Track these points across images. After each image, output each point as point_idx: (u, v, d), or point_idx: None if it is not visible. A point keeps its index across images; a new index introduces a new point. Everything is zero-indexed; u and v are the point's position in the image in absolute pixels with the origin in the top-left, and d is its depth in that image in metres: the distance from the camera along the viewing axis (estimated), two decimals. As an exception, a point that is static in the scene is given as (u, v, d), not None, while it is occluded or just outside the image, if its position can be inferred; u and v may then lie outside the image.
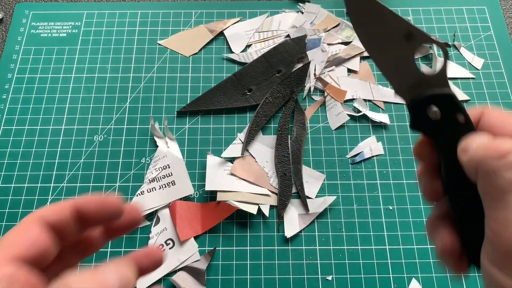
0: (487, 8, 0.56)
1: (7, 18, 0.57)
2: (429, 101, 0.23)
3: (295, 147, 0.47)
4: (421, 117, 0.24)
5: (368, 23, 0.25)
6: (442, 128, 0.23)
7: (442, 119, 0.23)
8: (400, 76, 0.25)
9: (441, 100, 0.23)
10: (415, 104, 0.24)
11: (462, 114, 0.23)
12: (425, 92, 0.24)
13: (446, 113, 0.23)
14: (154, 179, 0.46)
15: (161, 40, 0.55)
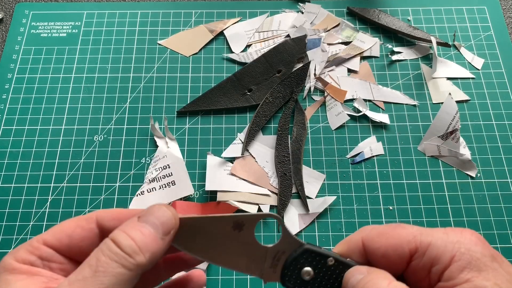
0: (487, 8, 0.56)
1: (7, 18, 0.57)
2: (295, 267, 0.23)
3: (295, 147, 0.47)
4: (301, 285, 0.23)
5: (201, 242, 0.24)
6: (326, 277, 0.23)
7: (315, 274, 0.23)
8: (256, 263, 0.24)
9: (306, 258, 0.23)
10: (288, 278, 0.23)
11: (329, 258, 0.23)
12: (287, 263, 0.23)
13: (316, 266, 0.23)
14: (154, 179, 0.46)
15: (161, 40, 0.55)
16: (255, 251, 0.24)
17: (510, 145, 0.48)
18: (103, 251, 0.20)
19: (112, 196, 0.45)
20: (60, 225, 0.23)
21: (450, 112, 0.47)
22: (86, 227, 0.23)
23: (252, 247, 0.24)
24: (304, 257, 0.23)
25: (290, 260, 0.23)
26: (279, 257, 0.24)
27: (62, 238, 0.23)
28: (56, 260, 0.23)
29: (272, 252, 0.24)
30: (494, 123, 0.49)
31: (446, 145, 0.47)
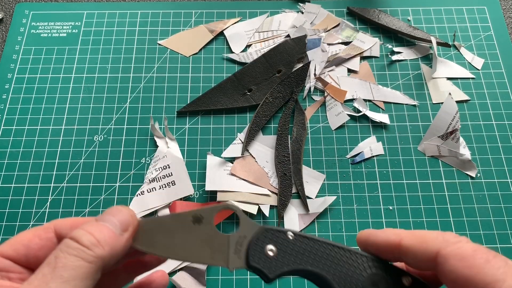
0: (487, 8, 0.56)
1: (7, 18, 0.57)
2: (258, 246, 0.24)
3: (295, 147, 0.47)
4: (266, 263, 0.24)
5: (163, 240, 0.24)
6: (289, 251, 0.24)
7: (278, 250, 0.24)
8: (219, 251, 0.24)
9: (266, 237, 0.24)
10: (252, 258, 0.24)
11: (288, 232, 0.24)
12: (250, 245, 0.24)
13: (277, 242, 0.24)
14: (154, 179, 0.46)
15: (161, 40, 0.55)
16: (217, 241, 0.24)
17: (510, 145, 0.48)
18: (61, 249, 0.21)
19: (112, 196, 0.45)
20: (17, 236, 0.24)
21: (450, 112, 0.47)
22: (44, 237, 0.24)
23: (214, 237, 0.24)
24: (265, 236, 0.24)
25: (254, 241, 0.24)
26: (241, 243, 0.24)
27: (19, 248, 0.23)
28: (14, 270, 0.23)
29: (233, 239, 0.25)
30: (494, 123, 0.49)
31: (446, 145, 0.47)
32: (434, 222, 0.44)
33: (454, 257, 0.21)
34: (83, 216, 0.44)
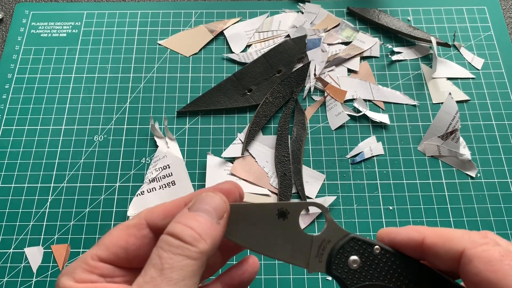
0: (487, 8, 0.56)
1: (7, 18, 0.57)
2: (342, 255, 0.23)
3: (295, 147, 0.47)
4: (348, 274, 0.23)
5: (245, 229, 0.24)
6: (373, 266, 0.23)
7: (362, 262, 0.23)
8: (301, 251, 0.24)
9: (352, 247, 0.23)
10: (335, 267, 0.23)
11: (375, 246, 0.23)
12: (333, 252, 0.23)
13: (362, 254, 0.23)
14: (154, 179, 0.46)
15: (161, 40, 0.55)
16: (299, 240, 0.24)
17: (510, 145, 0.48)
18: (163, 248, 0.20)
19: (112, 196, 0.45)
20: (110, 236, 0.22)
21: (450, 112, 0.47)
22: (139, 235, 0.22)
23: (297, 235, 0.24)
24: (351, 246, 0.23)
25: (337, 248, 0.23)
26: (325, 246, 0.23)
27: (118, 252, 0.22)
28: (118, 275, 0.22)
29: (317, 241, 0.24)
30: (494, 123, 0.49)
31: (446, 145, 0.47)
32: (434, 222, 0.44)
33: (480, 259, 0.20)
34: (83, 216, 0.44)
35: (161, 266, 0.19)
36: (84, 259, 0.22)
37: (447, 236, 0.21)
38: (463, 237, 0.21)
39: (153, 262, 0.20)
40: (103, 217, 0.44)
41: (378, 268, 0.23)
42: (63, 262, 0.42)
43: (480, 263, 0.20)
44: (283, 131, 0.48)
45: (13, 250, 0.43)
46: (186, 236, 0.20)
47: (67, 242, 0.43)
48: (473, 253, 0.20)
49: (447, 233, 0.22)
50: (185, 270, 0.19)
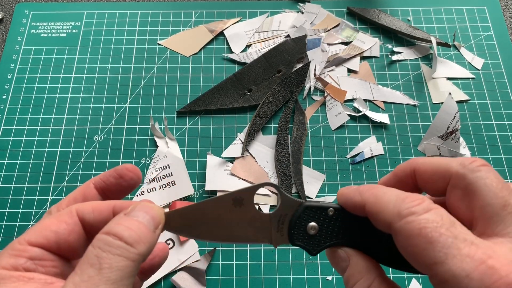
0: (487, 8, 0.56)
1: (7, 18, 0.57)
2: (300, 225, 0.25)
3: (295, 147, 0.47)
4: (309, 240, 0.25)
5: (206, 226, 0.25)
6: (330, 227, 0.24)
7: (320, 227, 0.24)
8: (263, 230, 0.25)
9: (308, 215, 0.24)
10: (295, 237, 0.25)
11: (329, 209, 0.24)
12: (292, 224, 0.25)
13: (318, 219, 0.24)
14: (154, 179, 0.46)
15: (161, 40, 0.55)
16: (259, 220, 0.25)
17: (510, 145, 0.48)
18: (101, 248, 0.20)
19: (112, 196, 0.45)
20: (41, 223, 0.23)
21: (450, 112, 0.47)
22: (70, 222, 0.23)
23: (256, 218, 0.25)
24: (306, 214, 0.25)
25: (294, 220, 0.25)
26: (283, 220, 0.25)
27: (49, 235, 0.22)
28: (47, 258, 0.22)
29: (275, 217, 0.25)
30: (494, 123, 0.49)
31: (446, 145, 0.47)
32: (434, 222, 0.44)
33: (401, 233, 0.20)
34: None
35: (99, 265, 0.19)
36: (11, 245, 0.22)
37: (381, 206, 0.21)
38: (392, 209, 0.21)
39: (91, 262, 0.20)
40: (103, 217, 0.44)
41: (335, 228, 0.24)
42: (63, 262, 0.42)
43: (402, 238, 0.20)
44: (283, 131, 0.48)
45: (13, 250, 0.43)
46: (127, 236, 0.20)
47: (67, 242, 0.43)
48: (396, 228, 0.20)
49: (381, 202, 0.22)
50: (123, 271, 0.20)
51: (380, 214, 0.21)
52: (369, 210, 0.22)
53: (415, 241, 0.19)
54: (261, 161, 0.47)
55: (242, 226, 0.25)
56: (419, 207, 0.20)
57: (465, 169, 0.21)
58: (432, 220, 0.19)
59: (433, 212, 0.20)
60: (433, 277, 0.19)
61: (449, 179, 0.22)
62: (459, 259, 0.18)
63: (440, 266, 0.19)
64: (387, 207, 0.21)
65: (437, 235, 0.19)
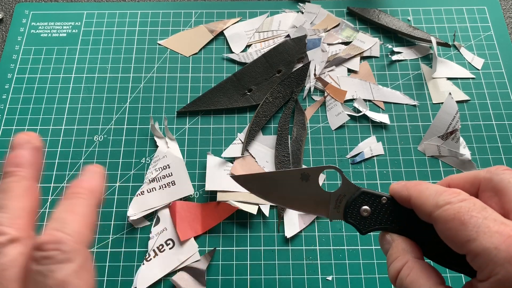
0: (487, 8, 0.56)
1: (7, 18, 0.57)
2: (355, 206, 0.29)
3: (295, 147, 0.47)
4: (360, 220, 0.29)
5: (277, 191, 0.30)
6: (381, 213, 0.28)
7: (372, 211, 0.28)
8: (322, 205, 0.30)
9: (363, 199, 0.28)
10: (349, 216, 0.29)
11: (382, 197, 0.28)
12: (348, 204, 0.29)
13: (372, 204, 0.28)
14: (154, 179, 0.46)
15: (161, 40, 0.55)
16: (320, 196, 0.29)
17: (510, 145, 0.48)
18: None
19: (112, 196, 0.45)
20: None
21: (450, 112, 0.47)
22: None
23: (318, 193, 0.29)
24: (362, 198, 0.28)
25: (351, 201, 0.29)
26: (341, 200, 0.29)
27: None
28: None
29: (334, 196, 0.29)
30: (494, 123, 0.49)
31: (446, 145, 0.47)
32: (434, 222, 0.44)
33: (440, 220, 0.23)
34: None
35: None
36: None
37: (422, 199, 0.25)
38: (432, 201, 0.24)
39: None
40: (103, 217, 0.44)
41: (386, 214, 0.28)
42: (63, 262, 0.42)
43: (440, 224, 0.23)
44: (283, 131, 0.48)
45: (13, 250, 0.43)
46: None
47: (67, 242, 0.43)
48: (435, 216, 0.23)
49: (423, 196, 0.25)
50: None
51: (422, 206, 0.24)
52: (413, 203, 0.25)
53: (451, 224, 0.22)
54: (261, 161, 0.47)
55: (305, 198, 0.30)
56: (455, 198, 0.23)
57: (491, 173, 0.24)
58: (465, 207, 0.22)
59: (467, 201, 0.22)
60: (468, 254, 0.22)
61: (479, 185, 0.25)
62: (488, 235, 0.21)
63: (473, 242, 0.21)
64: (428, 199, 0.24)
65: (469, 217, 0.22)
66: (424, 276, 0.24)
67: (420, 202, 0.25)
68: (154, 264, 0.42)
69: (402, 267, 0.25)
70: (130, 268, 0.42)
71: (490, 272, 0.20)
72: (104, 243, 0.43)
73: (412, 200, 0.26)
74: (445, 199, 0.23)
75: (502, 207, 0.23)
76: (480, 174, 0.25)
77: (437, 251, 0.26)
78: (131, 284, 0.41)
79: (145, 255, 0.42)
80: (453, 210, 0.22)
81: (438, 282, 0.24)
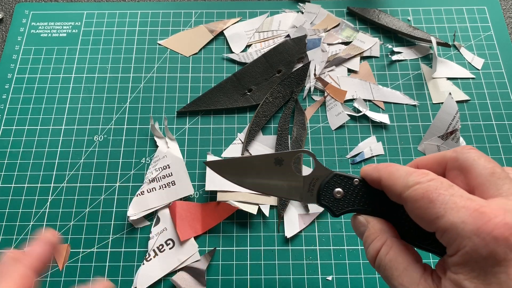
0: (487, 8, 0.56)
1: (7, 18, 0.57)
2: (328, 188, 0.29)
3: (295, 147, 0.47)
4: (334, 202, 0.29)
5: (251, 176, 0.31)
6: (354, 195, 0.29)
7: (345, 193, 0.29)
8: (295, 189, 0.30)
9: (335, 181, 0.29)
10: (323, 198, 0.29)
11: (354, 179, 0.29)
12: (321, 187, 0.29)
13: (344, 186, 0.29)
14: (154, 179, 0.46)
15: (161, 40, 0.55)
16: (294, 179, 0.30)
17: (510, 145, 0.48)
18: None
19: (112, 196, 0.45)
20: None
21: (450, 112, 0.47)
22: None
23: (291, 177, 0.30)
24: (334, 180, 0.29)
25: (324, 183, 0.29)
26: (314, 183, 0.30)
27: None
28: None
29: (308, 179, 0.30)
30: (494, 123, 0.49)
31: (446, 145, 0.47)
32: (434, 222, 0.44)
33: (409, 200, 0.24)
34: (83, 216, 0.44)
35: None
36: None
37: (392, 180, 0.25)
38: (402, 181, 0.24)
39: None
40: (103, 217, 0.44)
41: (358, 196, 0.28)
42: (63, 262, 0.42)
43: (410, 203, 0.24)
44: (283, 131, 0.48)
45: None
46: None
47: (67, 242, 0.43)
48: (405, 197, 0.24)
49: (393, 177, 0.25)
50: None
51: (393, 187, 0.25)
52: (384, 184, 0.26)
53: (420, 203, 0.23)
54: (261, 161, 0.47)
55: (279, 182, 0.30)
56: (424, 178, 0.24)
57: (456, 153, 0.25)
58: (433, 185, 0.23)
59: (435, 180, 0.23)
60: (437, 231, 0.22)
61: (446, 165, 0.26)
62: (455, 210, 0.21)
63: (441, 218, 0.22)
64: (398, 180, 0.25)
65: (437, 195, 0.22)
66: (403, 254, 0.25)
67: (391, 183, 0.25)
68: (154, 264, 0.42)
69: (381, 247, 0.26)
70: (130, 268, 0.42)
71: (458, 246, 0.21)
72: (104, 243, 0.43)
73: (383, 181, 0.26)
74: (414, 180, 0.24)
75: (467, 184, 0.24)
76: (447, 154, 0.26)
77: (408, 232, 0.27)
78: (131, 284, 0.41)
79: (145, 255, 0.42)
80: (421, 189, 0.23)
81: (416, 260, 0.25)
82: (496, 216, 0.20)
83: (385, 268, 0.25)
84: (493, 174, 0.23)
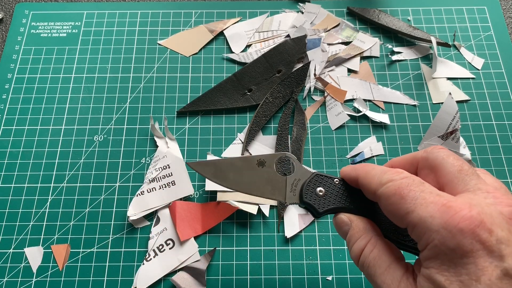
0: (487, 8, 0.56)
1: (7, 18, 0.57)
2: (310, 187, 0.30)
3: (295, 147, 0.47)
4: (316, 199, 0.30)
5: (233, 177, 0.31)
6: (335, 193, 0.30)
7: (326, 191, 0.30)
8: (278, 189, 0.31)
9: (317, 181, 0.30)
10: (305, 196, 0.30)
11: (335, 179, 0.30)
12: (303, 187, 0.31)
13: (325, 185, 0.30)
14: (154, 179, 0.46)
15: (161, 40, 0.55)
16: (276, 181, 0.31)
17: (510, 145, 0.48)
18: None
19: (112, 196, 0.45)
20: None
21: (450, 112, 0.47)
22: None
23: (274, 178, 0.31)
24: (316, 180, 0.30)
25: (306, 183, 0.30)
26: (296, 184, 0.31)
27: None
28: None
29: (290, 180, 0.31)
30: (494, 123, 0.49)
31: (446, 145, 0.47)
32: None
33: (382, 197, 0.25)
34: (83, 216, 0.44)
35: None
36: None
37: (368, 179, 0.27)
38: (377, 180, 0.26)
39: None
40: (103, 217, 0.44)
41: (339, 194, 0.30)
42: (63, 262, 0.42)
43: (383, 200, 0.25)
44: (283, 131, 0.48)
45: (13, 250, 0.43)
46: None
47: (67, 242, 0.43)
48: (379, 194, 0.25)
49: (369, 176, 0.27)
50: None
51: (368, 185, 0.26)
52: (361, 182, 0.28)
53: (392, 199, 0.24)
54: (261, 161, 0.47)
55: (262, 182, 0.31)
56: (397, 176, 0.25)
57: (427, 153, 0.27)
58: (405, 182, 0.24)
59: (407, 178, 0.24)
60: (408, 226, 0.23)
61: (417, 165, 0.27)
62: (425, 205, 0.22)
63: (411, 214, 0.23)
64: (373, 179, 0.26)
65: (408, 191, 0.24)
66: (387, 252, 0.26)
67: (367, 181, 0.27)
68: (154, 264, 0.42)
69: (366, 245, 0.26)
70: (130, 268, 0.42)
71: (427, 240, 0.22)
72: (104, 243, 0.43)
73: (360, 180, 0.28)
74: (388, 177, 0.25)
75: (437, 182, 0.25)
76: (418, 154, 0.27)
77: (386, 230, 0.28)
78: (131, 284, 0.41)
79: (145, 255, 0.42)
80: (394, 186, 0.24)
81: (399, 257, 0.25)
82: (462, 209, 0.21)
83: (369, 266, 0.26)
84: (461, 171, 0.24)
